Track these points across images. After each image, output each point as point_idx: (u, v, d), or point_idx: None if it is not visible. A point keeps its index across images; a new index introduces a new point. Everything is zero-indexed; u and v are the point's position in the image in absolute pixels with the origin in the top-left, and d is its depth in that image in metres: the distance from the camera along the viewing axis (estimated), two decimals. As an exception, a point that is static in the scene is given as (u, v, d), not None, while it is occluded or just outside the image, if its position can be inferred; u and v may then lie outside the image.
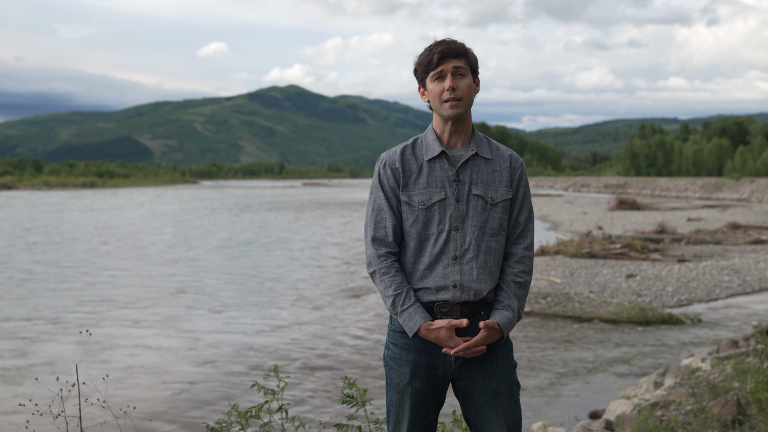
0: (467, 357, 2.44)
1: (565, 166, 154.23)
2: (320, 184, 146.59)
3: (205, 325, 11.22)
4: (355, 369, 8.66)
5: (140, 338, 10.33)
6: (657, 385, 6.99)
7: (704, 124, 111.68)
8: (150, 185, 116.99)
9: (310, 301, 13.40)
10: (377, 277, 2.50)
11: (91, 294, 14.01)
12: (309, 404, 7.37)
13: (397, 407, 2.54)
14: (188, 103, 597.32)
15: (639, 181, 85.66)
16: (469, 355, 2.42)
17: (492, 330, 2.43)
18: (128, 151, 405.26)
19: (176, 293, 14.21)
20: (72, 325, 10.97)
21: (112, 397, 7.11)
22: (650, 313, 11.08)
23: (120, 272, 17.15)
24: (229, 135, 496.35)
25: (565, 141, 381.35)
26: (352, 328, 10.94)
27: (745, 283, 14.06)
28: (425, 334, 2.43)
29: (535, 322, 11.16)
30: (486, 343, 2.44)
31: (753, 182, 63.98)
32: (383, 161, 2.54)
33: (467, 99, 2.47)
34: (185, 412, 7.21)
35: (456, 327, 2.42)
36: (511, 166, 2.54)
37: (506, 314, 2.46)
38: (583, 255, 17.61)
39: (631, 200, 40.89)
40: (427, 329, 2.42)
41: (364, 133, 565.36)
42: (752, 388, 4.93)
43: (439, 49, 2.45)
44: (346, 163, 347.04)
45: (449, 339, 2.41)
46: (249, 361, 9.11)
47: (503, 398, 2.50)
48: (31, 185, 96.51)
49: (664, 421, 4.95)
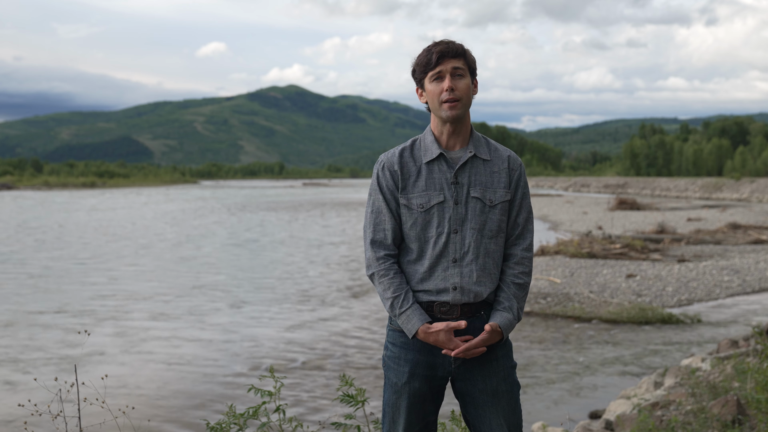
0: (467, 358, 2.44)
1: (565, 166, 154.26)
2: (320, 184, 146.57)
3: (204, 325, 11.21)
4: (356, 369, 8.66)
5: (139, 338, 10.32)
6: (657, 385, 6.99)
7: (704, 124, 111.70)
8: (150, 185, 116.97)
9: (310, 301, 13.39)
10: (376, 279, 2.50)
11: (91, 294, 14.01)
12: (309, 404, 7.37)
13: (394, 407, 2.52)
14: (188, 103, 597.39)
15: (639, 181, 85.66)
16: (469, 356, 2.43)
17: (493, 333, 2.44)
18: (128, 151, 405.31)
19: (176, 294, 14.21)
20: (72, 325, 10.96)
21: (111, 398, 7.11)
22: (650, 313, 11.08)
23: (119, 272, 17.14)
24: (229, 135, 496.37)
25: (565, 141, 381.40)
26: (352, 328, 10.94)
27: (745, 283, 14.05)
28: (424, 337, 2.43)
29: (535, 322, 11.16)
30: (486, 344, 2.44)
31: (753, 182, 63.98)
32: (382, 163, 2.53)
33: (466, 100, 2.46)
34: (185, 412, 7.21)
35: (454, 329, 2.42)
36: (509, 167, 2.53)
37: (506, 316, 2.46)
38: (583, 255, 17.61)
39: (631, 200, 40.89)
40: (426, 332, 2.42)
41: (364, 133, 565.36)
42: (752, 388, 4.93)
43: (438, 49, 2.44)
44: (346, 163, 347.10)
45: (448, 341, 2.41)
46: (249, 361, 9.11)
47: (503, 398, 2.50)
48: (31, 185, 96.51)
49: (664, 421, 4.95)
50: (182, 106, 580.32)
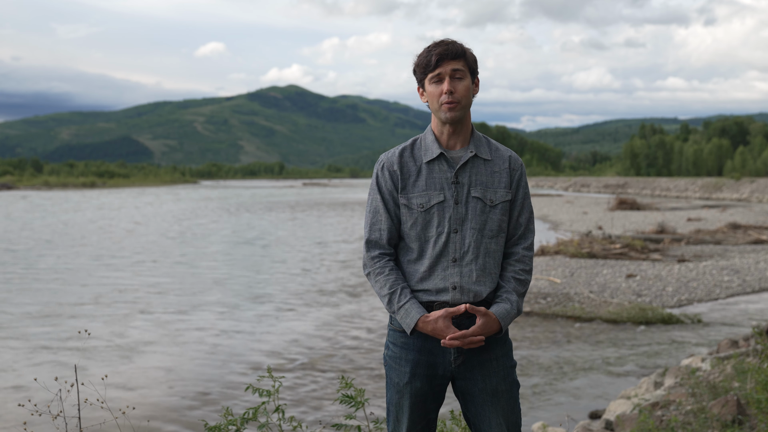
0: (465, 348, 2.41)
1: (565, 166, 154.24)
2: (320, 184, 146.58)
3: (205, 325, 11.21)
4: (356, 369, 8.66)
5: (139, 338, 10.32)
6: (657, 385, 6.99)
7: (705, 124, 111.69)
8: (150, 185, 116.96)
9: (311, 300, 13.39)
10: (372, 278, 2.51)
11: (90, 294, 14.01)
12: (309, 404, 7.37)
13: (397, 406, 2.54)
14: (188, 103, 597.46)
15: (639, 181, 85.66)
16: (466, 346, 2.40)
17: (488, 318, 2.40)
18: (128, 151, 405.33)
19: (175, 294, 14.21)
20: (72, 325, 10.96)
21: (111, 398, 7.11)
22: (650, 313, 11.08)
23: (119, 272, 17.14)
24: (229, 135, 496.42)
25: (565, 141, 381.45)
26: (352, 328, 10.94)
27: (745, 283, 14.05)
28: (423, 327, 2.41)
29: (535, 322, 11.16)
30: (483, 333, 2.41)
31: (753, 182, 63.98)
32: (381, 163, 2.54)
33: (465, 102, 2.46)
34: (185, 412, 7.21)
35: (453, 315, 2.40)
36: (510, 167, 2.53)
37: (504, 306, 2.45)
38: (583, 255, 17.61)
39: (631, 200, 40.89)
40: (425, 322, 2.41)
41: (364, 133, 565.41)
42: (752, 388, 4.93)
43: (437, 51, 2.43)
44: (346, 163, 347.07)
45: (446, 328, 2.39)
46: (249, 361, 9.11)
47: (503, 398, 2.50)
48: (31, 185, 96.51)
49: (664, 421, 4.95)
50: (182, 106, 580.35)
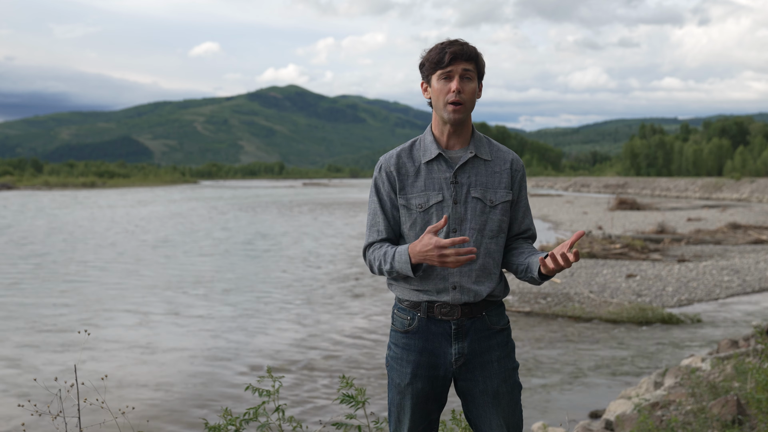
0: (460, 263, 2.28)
1: (565, 166, 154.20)
2: (320, 184, 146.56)
3: (205, 325, 11.21)
4: (356, 369, 8.66)
5: (139, 338, 10.32)
6: (657, 385, 6.99)
7: (704, 124, 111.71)
8: (150, 185, 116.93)
9: (311, 301, 13.39)
10: (368, 257, 2.50)
11: (90, 294, 14.01)
12: (309, 404, 7.37)
13: (399, 407, 2.53)
14: (188, 103, 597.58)
15: (639, 181, 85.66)
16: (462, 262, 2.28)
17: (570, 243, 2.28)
18: (128, 151, 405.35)
19: (176, 294, 14.21)
20: (71, 325, 10.96)
21: (111, 398, 7.12)
22: (650, 313, 11.08)
23: (117, 272, 17.14)
24: (229, 135, 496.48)
25: (565, 141, 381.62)
26: (352, 328, 10.94)
27: (745, 283, 14.05)
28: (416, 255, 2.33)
29: (535, 322, 11.16)
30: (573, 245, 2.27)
31: (753, 182, 63.98)
32: (380, 165, 2.54)
33: (470, 104, 2.46)
34: (184, 413, 7.21)
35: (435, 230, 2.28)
36: (512, 168, 2.54)
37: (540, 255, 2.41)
38: (583, 255, 17.61)
39: (631, 200, 40.91)
40: (413, 249, 2.33)
41: (364, 133, 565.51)
42: (752, 388, 4.92)
43: (452, 49, 2.43)
44: (346, 163, 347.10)
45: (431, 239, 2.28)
46: (249, 361, 9.11)
47: (504, 400, 2.50)
48: (31, 185, 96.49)
49: (664, 421, 4.95)
50: (182, 106, 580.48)
